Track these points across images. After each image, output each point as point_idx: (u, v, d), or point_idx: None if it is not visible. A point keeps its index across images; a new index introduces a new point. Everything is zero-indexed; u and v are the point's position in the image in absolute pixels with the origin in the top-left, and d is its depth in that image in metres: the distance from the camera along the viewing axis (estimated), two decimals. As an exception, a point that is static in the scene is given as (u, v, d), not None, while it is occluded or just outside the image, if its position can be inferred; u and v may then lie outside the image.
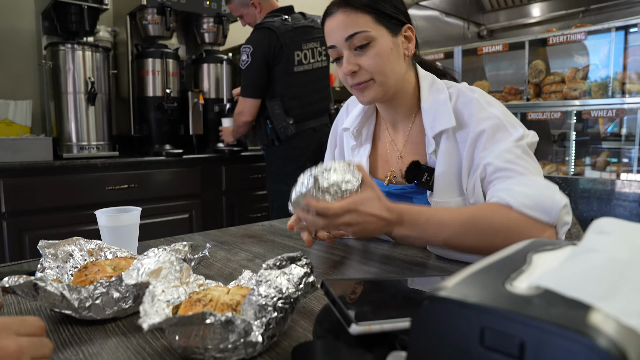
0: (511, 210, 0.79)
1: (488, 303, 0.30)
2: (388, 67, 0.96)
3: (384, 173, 1.10)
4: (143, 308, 0.52)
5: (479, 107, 0.93)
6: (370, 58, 0.95)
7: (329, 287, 0.49)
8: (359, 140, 1.14)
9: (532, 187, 0.81)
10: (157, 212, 2.47)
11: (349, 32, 0.95)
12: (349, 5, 0.95)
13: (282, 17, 2.28)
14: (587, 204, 2.67)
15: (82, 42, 2.35)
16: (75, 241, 0.78)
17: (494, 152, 0.87)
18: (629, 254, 0.32)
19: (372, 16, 0.95)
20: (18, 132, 2.43)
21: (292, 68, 2.26)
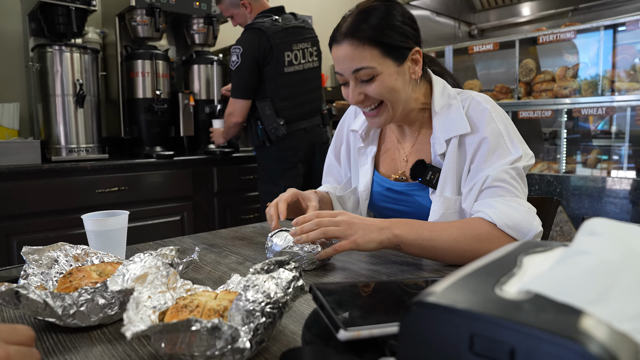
0: (495, 228, 0.88)
1: (477, 309, 0.30)
2: (394, 95, 1.00)
3: (389, 170, 1.17)
4: (127, 315, 0.50)
5: (489, 119, 0.98)
6: (374, 89, 0.98)
7: (317, 292, 0.48)
8: (366, 141, 1.19)
9: (516, 210, 0.89)
10: (149, 215, 2.44)
11: (355, 66, 0.97)
12: (355, 37, 0.95)
13: (272, 17, 2.27)
14: (579, 202, 2.69)
15: (70, 44, 2.32)
16: (61, 246, 0.76)
17: (492, 167, 0.94)
18: (620, 256, 0.31)
19: (379, 50, 0.96)
20: (5, 136, 2.39)
21: (283, 69, 2.26)
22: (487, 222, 0.89)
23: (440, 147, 1.02)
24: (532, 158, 0.98)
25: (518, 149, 0.96)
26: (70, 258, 0.76)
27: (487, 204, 0.92)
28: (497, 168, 0.93)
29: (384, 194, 1.15)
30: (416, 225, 0.88)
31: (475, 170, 0.97)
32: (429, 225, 0.89)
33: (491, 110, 0.99)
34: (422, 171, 1.04)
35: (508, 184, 0.92)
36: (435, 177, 1.03)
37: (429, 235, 0.86)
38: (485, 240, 0.87)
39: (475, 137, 0.98)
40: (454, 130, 1.01)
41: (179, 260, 0.76)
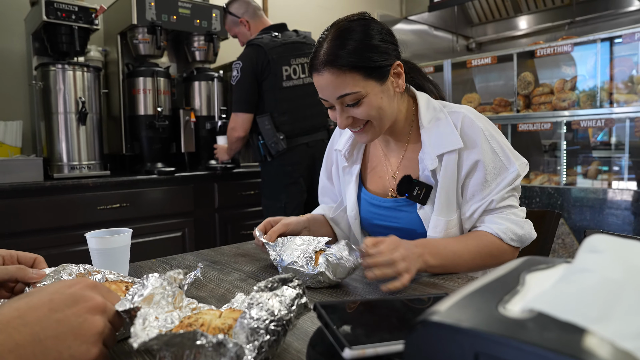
0: (502, 242, 1.00)
1: (482, 328, 0.30)
2: (381, 113, 1.00)
3: (378, 187, 1.16)
4: (134, 330, 0.51)
5: (483, 139, 1.01)
6: (362, 111, 0.99)
7: (321, 310, 0.48)
8: (350, 160, 1.19)
9: (516, 223, 1.00)
10: (150, 231, 2.44)
11: (338, 93, 0.96)
12: (335, 66, 0.94)
13: (272, 34, 2.33)
14: (580, 214, 2.69)
15: (73, 62, 2.35)
16: (65, 267, 0.76)
17: (494, 189, 1.00)
18: (622, 273, 0.32)
19: (361, 74, 0.95)
20: (8, 153, 2.41)
21: (281, 83, 2.29)
22: (495, 237, 0.99)
23: (431, 162, 1.02)
24: (527, 166, 1.03)
25: (514, 164, 1.00)
26: (74, 277, 0.76)
27: (494, 221, 1.01)
28: (500, 192, 0.99)
29: (373, 211, 1.15)
30: (440, 247, 0.94)
31: (476, 191, 1.01)
32: (451, 246, 0.96)
33: (484, 129, 1.01)
34: (409, 187, 1.05)
35: (510, 205, 1.01)
36: (423, 193, 1.04)
37: (452, 257, 0.94)
38: (497, 255, 0.99)
39: (470, 154, 1.01)
40: (446, 145, 1.01)
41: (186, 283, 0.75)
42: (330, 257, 0.85)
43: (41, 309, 0.46)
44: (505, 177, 1.00)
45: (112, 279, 0.78)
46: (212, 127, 2.85)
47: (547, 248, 1.24)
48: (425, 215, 1.05)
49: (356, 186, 1.18)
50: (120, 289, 0.71)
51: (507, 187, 0.99)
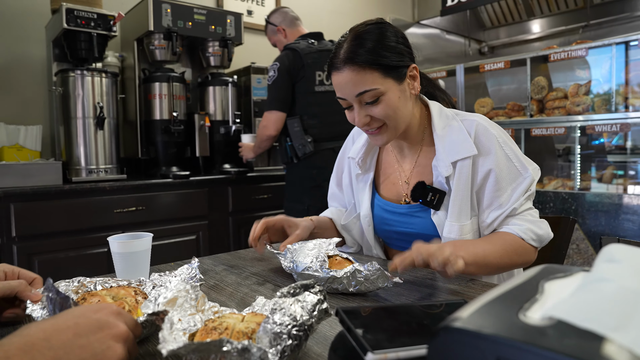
0: (524, 241, 1.02)
1: (503, 334, 0.31)
2: (398, 113, 1.02)
3: (391, 193, 1.18)
4: (162, 335, 0.52)
5: (497, 147, 1.03)
6: (380, 110, 1.01)
7: (343, 315, 0.50)
8: (363, 168, 1.21)
9: (534, 223, 1.03)
10: (165, 234, 2.48)
11: (358, 90, 0.99)
12: (355, 63, 0.98)
13: (308, 40, 2.46)
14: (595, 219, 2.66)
15: (91, 68, 2.40)
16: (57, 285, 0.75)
17: (514, 197, 1.02)
18: (639, 283, 0.33)
19: (379, 71, 0.99)
20: (28, 157, 2.46)
21: (313, 87, 2.39)
22: (517, 238, 1.01)
23: (445, 169, 1.05)
24: (539, 170, 1.06)
25: (527, 170, 1.03)
26: (69, 292, 0.75)
27: (516, 224, 1.03)
28: (520, 198, 1.02)
29: (387, 217, 1.17)
30: (469, 246, 0.96)
31: (493, 198, 1.03)
32: (479, 245, 0.98)
33: (497, 137, 1.04)
34: (423, 193, 1.06)
35: (527, 211, 1.04)
36: (437, 199, 1.05)
37: (483, 255, 0.95)
38: (521, 253, 1.01)
39: (485, 161, 1.03)
40: (461, 152, 1.03)
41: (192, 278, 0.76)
42: (359, 275, 0.84)
43: (66, 333, 0.47)
44: (521, 182, 1.02)
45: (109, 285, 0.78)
46: (227, 132, 2.88)
47: (562, 254, 1.24)
48: (439, 220, 1.07)
49: (370, 193, 1.20)
50: (130, 293, 0.72)
51: (525, 194, 1.02)
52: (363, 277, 0.84)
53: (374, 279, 0.83)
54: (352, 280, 0.85)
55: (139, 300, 0.71)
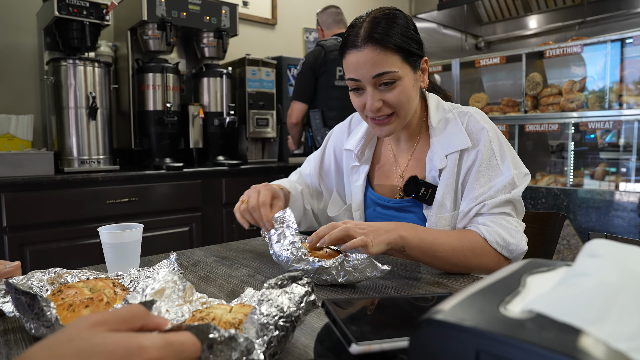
0: (487, 243, 0.96)
1: (483, 327, 0.31)
2: (410, 102, 1.02)
3: (385, 188, 1.18)
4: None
5: (485, 139, 1.01)
6: (395, 95, 0.99)
7: (329, 307, 0.50)
8: (361, 160, 1.20)
9: (506, 229, 0.96)
10: (157, 226, 2.47)
11: (377, 71, 0.97)
12: (379, 43, 0.96)
13: (337, 38, 2.68)
14: (586, 215, 2.68)
15: (84, 58, 2.38)
16: (33, 274, 0.75)
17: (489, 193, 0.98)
18: (619, 277, 0.33)
19: (400, 55, 0.98)
20: (20, 147, 2.44)
21: (333, 81, 2.60)
22: (480, 236, 0.96)
23: (440, 162, 1.04)
24: (527, 175, 1.02)
25: (509, 169, 0.99)
26: (44, 283, 0.74)
27: (480, 220, 0.99)
28: (494, 196, 0.97)
29: (380, 211, 1.16)
30: (419, 229, 0.94)
31: (468, 189, 1.01)
32: (430, 231, 0.95)
33: (488, 130, 1.02)
34: (415, 187, 1.05)
35: (505, 212, 0.98)
36: (429, 193, 1.05)
37: (431, 241, 0.92)
38: (479, 254, 0.95)
39: (470, 152, 1.02)
40: (456, 144, 1.03)
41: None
42: (347, 265, 0.84)
43: None
44: (497, 179, 0.99)
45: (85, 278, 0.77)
46: (221, 124, 2.87)
47: (552, 249, 1.25)
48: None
49: (364, 186, 1.19)
50: (108, 285, 0.71)
51: (503, 195, 0.97)
52: (351, 267, 0.84)
53: (362, 268, 0.84)
54: (340, 271, 0.85)
55: (117, 292, 0.70)
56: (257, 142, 3.12)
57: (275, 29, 3.78)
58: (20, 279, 0.72)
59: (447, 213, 1.03)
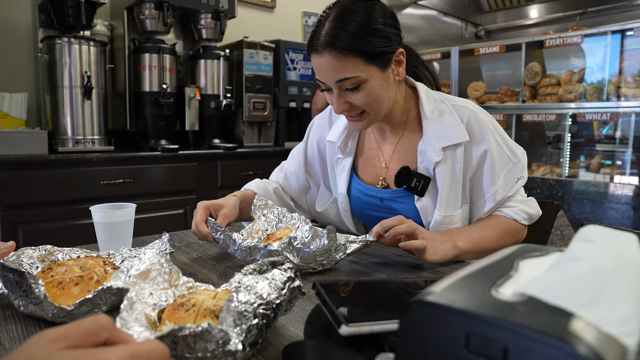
0: (516, 222, 1.04)
1: (474, 309, 0.31)
2: (379, 101, 0.98)
3: (371, 177, 1.15)
4: (120, 317, 0.50)
5: (488, 132, 1.02)
6: (361, 98, 0.95)
7: (320, 288, 0.50)
8: (344, 152, 1.16)
9: (525, 203, 1.05)
10: (152, 207, 2.47)
11: (338, 77, 0.93)
12: (335, 48, 0.90)
13: None
14: (580, 206, 2.70)
15: (79, 36, 2.34)
16: (23, 252, 0.74)
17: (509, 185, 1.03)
18: (612, 262, 0.33)
19: (362, 58, 0.91)
20: (13, 125, 2.42)
21: None
22: (510, 219, 1.03)
23: (435, 154, 1.01)
24: (525, 154, 1.06)
25: (517, 155, 1.03)
26: (34, 260, 0.74)
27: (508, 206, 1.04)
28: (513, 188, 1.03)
29: (367, 201, 1.14)
30: (465, 232, 0.97)
31: (487, 185, 1.03)
32: (473, 229, 1.00)
33: (488, 122, 1.03)
34: (408, 178, 1.02)
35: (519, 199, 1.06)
36: (421, 185, 1.02)
37: (479, 240, 0.97)
38: (514, 234, 1.03)
39: (478, 147, 1.02)
40: (452, 138, 1.00)
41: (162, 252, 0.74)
42: (295, 242, 0.81)
43: None
44: (511, 168, 1.02)
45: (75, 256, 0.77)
46: (217, 106, 2.85)
47: (545, 238, 1.26)
48: (423, 207, 1.04)
49: (348, 176, 1.16)
50: (98, 263, 0.71)
51: (518, 181, 1.03)
52: (300, 243, 0.80)
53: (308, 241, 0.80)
54: (292, 251, 0.81)
55: (107, 270, 0.70)
56: (253, 126, 3.10)
57: (274, 12, 3.73)
58: (11, 256, 0.71)
59: (457, 210, 1.02)
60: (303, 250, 0.81)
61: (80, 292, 0.64)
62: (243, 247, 0.85)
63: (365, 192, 1.14)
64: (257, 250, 0.84)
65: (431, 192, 1.03)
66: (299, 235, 0.81)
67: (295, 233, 0.81)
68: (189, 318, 0.54)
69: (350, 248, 0.85)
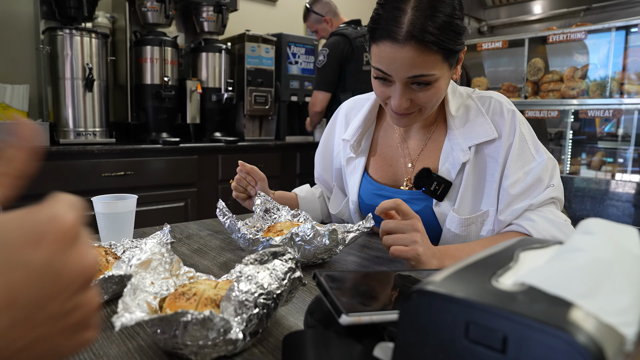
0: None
1: (473, 298, 0.31)
2: (440, 100, 0.92)
3: (387, 177, 1.08)
4: (122, 301, 0.50)
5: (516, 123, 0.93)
6: (427, 96, 0.88)
7: (320, 278, 0.50)
8: (356, 151, 1.11)
9: (552, 223, 0.87)
10: (153, 200, 2.47)
11: (415, 72, 0.84)
12: (422, 42, 0.81)
13: (352, 26, 2.72)
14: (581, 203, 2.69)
15: (81, 28, 2.33)
16: None
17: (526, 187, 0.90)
18: (611, 254, 0.33)
19: (442, 55, 0.84)
20: (15, 117, 2.41)
21: (361, 67, 2.65)
22: (523, 235, 0.88)
23: (463, 154, 0.94)
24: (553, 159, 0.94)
25: (542, 155, 0.92)
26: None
27: (525, 216, 0.90)
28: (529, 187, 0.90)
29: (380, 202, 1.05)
30: (464, 256, 0.83)
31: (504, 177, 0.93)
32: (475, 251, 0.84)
33: (515, 111, 0.95)
34: (427, 181, 0.96)
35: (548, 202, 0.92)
36: (441, 189, 0.95)
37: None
38: None
39: (502, 142, 0.93)
40: (481, 135, 0.93)
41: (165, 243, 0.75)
42: (297, 238, 0.81)
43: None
44: (534, 168, 0.91)
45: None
46: (218, 99, 2.84)
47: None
48: (441, 212, 0.97)
49: (360, 177, 1.10)
50: (100, 253, 0.72)
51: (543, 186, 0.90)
52: (301, 240, 0.81)
53: (311, 239, 0.80)
54: (293, 246, 0.82)
55: (109, 260, 0.70)
56: (254, 120, 3.10)
57: (276, 6, 3.72)
58: None
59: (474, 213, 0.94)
60: (304, 247, 0.82)
61: (81, 281, 0.65)
62: (247, 237, 0.86)
63: (378, 192, 1.07)
64: (258, 243, 0.84)
65: (452, 196, 0.96)
66: (300, 232, 0.81)
67: (297, 230, 0.81)
68: (190, 307, 0.54)
69: (348, 238, 0.85)
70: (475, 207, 0.95)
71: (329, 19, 2.88)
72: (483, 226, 0.95)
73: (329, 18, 2.88)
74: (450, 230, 0.95)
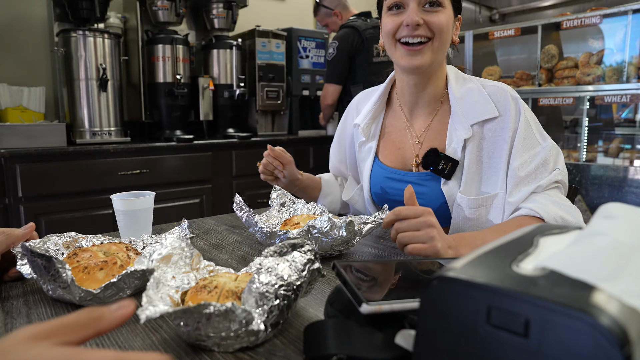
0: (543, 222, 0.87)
1: (495, 283, 0.32)
2: (447, 35, 0.99)
3: (396, 160, 1.11)
4: (146, 294, 0.51)
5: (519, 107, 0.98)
6: (437, 17, 0.96)
7: (340, 269, 0.51)
8: (367, 135, 1.15)
9: (560, 206, 0.90)
10: (168, 197, 2.50)
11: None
12: None
13: (362, 18, 2.73)
14: (598, 191, 2.66)
15: (94, 29, 2.36)
16: (49, 238, 0.76)
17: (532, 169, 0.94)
18: (633, 237, 0.33)
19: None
20: (32, 119, 2.46)
21: (372, 58, 2.66)
22: (536, 219, 0.89)
23: (465, 131, 0.98)
24: (556, 146, 0.97)
25: (547, 140, 0.96)
26: (60, 246, 0.76)
27: (533, 199, 0.92)
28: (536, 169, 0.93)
29: (392, 186, 1.10)
30: (478, 242, 0.85)
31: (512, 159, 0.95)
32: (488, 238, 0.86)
33: (519, 98, 0.99)
34: (435, 160, 1.00)
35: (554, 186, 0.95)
36: (448, 167, 0.99)
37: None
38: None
39: (507, 126, 0.96)
40: (481, 114, 0.98)
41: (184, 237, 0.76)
42: (314, 230, 0.82)
43: None
44: (540, 152, 0.95)
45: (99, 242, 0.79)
46: (231, 95, 2.86)
47: (563, 222, 1.24)
48: (449, 191, 1.00)
49: (371, 162, 1.14)
50: (122, 249, 0.73)
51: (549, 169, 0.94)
52: (318, 232, 0.81)
53: (327, 231, 0.80)
54: (310, 239, 0.82)
55: (130, 256, 0.72)
56: (267, 115, 3.11)
57: (286, 1, 3.71)
58: (37, 243, 0.74)
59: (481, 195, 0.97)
60: (321, 240, 0.82)
61: (105, 277, 0.66)
62: (264, 231, 0.87)
63: (390, 175, 1.10)
64: (276, 236, 0.85)
65: (458, 175, 1.00)
66: (317, 225, 0.81)
67: (314, 222, 0.82)
68: (212, 299, 0.55)
69: (364, 229, 0.85)
70: (482, 187, 0.99)
71: (338, 12, 2.90)
72: (493, 210, 0.97)
73: (338, 11, 2.90)
74: (460, 212, 0.98)
